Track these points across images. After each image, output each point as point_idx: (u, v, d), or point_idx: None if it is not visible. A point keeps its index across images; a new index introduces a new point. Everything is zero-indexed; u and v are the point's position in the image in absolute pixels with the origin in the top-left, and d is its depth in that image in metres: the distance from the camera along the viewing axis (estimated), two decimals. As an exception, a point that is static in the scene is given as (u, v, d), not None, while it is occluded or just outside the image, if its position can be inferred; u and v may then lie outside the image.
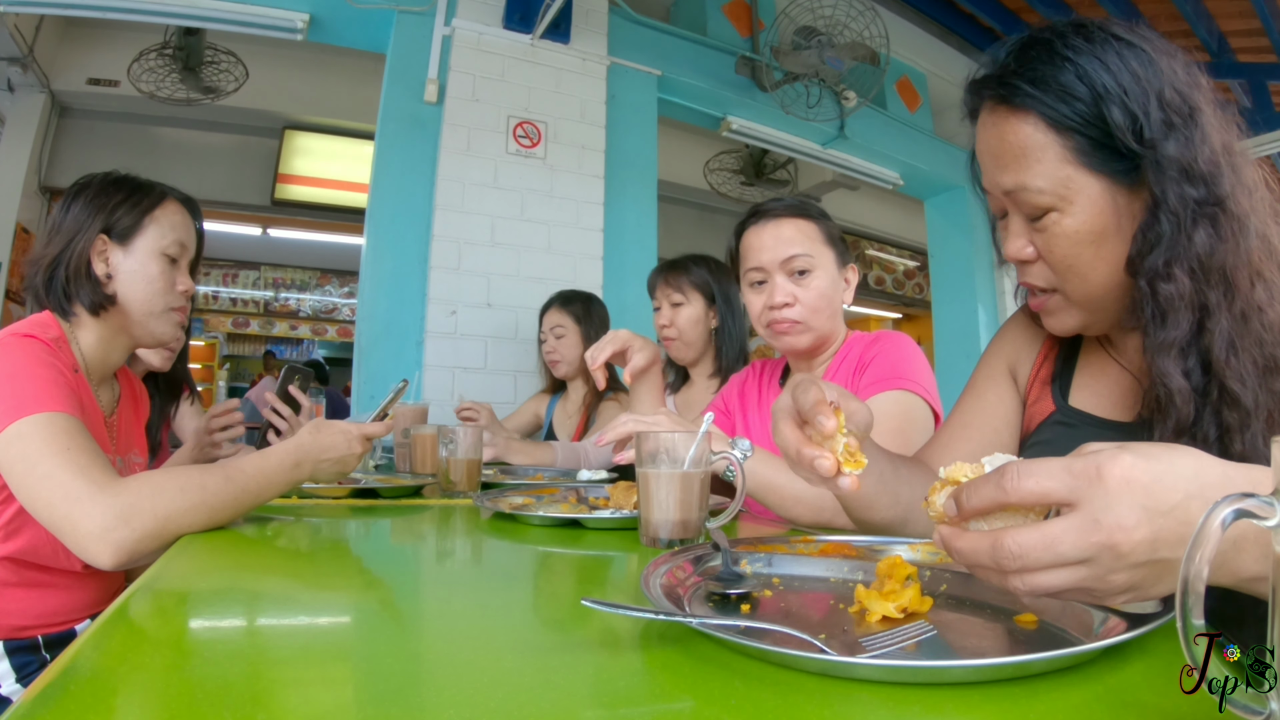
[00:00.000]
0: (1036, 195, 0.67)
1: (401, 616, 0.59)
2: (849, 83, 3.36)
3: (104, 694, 0.38)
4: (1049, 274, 0.71)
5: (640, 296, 3.06)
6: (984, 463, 0.47)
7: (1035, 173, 0.66)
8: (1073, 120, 0.65)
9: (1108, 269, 0.68)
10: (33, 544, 0.97)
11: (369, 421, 1.07)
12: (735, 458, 0.85)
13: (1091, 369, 0.81)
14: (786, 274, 1.23)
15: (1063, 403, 0.81)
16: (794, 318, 1.23)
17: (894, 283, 7.45)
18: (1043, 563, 0.40)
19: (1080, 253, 0.67)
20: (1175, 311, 0.64)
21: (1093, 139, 0.65)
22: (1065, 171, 0.66)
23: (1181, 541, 0.39)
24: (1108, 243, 0.67)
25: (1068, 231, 0.67)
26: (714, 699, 0.38)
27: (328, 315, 7.29)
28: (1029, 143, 0.67)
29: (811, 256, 1.23)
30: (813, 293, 1.23)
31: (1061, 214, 0.67)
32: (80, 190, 1.09)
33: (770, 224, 1.25)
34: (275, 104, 4.68)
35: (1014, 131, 0.67)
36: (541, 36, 2.86)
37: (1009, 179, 0.68)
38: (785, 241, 1.23)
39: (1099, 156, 0.65)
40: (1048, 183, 0.66)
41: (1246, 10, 3.47)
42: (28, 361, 0.90)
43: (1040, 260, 0.71)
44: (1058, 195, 0.66)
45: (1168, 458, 0.40)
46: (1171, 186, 0.63)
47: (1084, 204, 0.66)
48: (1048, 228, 0.68)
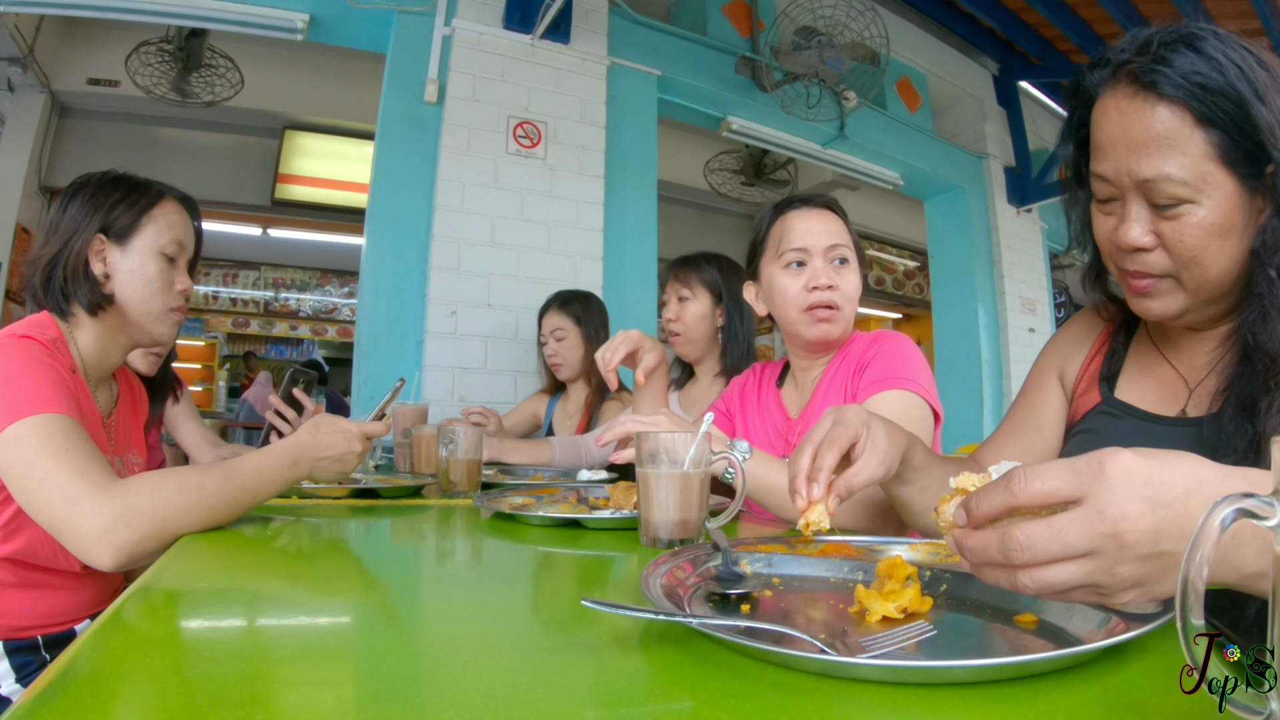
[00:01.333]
0: (1177, 186, 0.68)
1: (401, 617, 0.59)
2: (849, 83, 3.36)
3: (104, 694, 0.38)
4: (1167, 262, 0.72)
5: (640, 296, 3.07)
6: (990, 471, 0.48)
7: (1178, 164, 0.67)
8: (1219, 117, 0.66)
9: (1228, 262, 0.70)
10: (31, 545, 0.97)
11: (368, 421, 1.07)
12: (735, 458, 0.85)
13: (1140, 365, 0.84)
14: (827, 260, 1.25)
15: (1109, 394, 0.85)
16: (836, 302, 1.24)
17: (894, 283, 7.45)
18: (1050, 554, 0.40)
19: (1208, 245, 0.69)
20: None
21: (1234, 139, 0.67)
22: (1206, 167, 0.67)
23: (1183, 535, 0.40)
24: (1232, 238, 0.69)
25: (1202, 223, 0.68)
26: (714, 699, 0.38)
27: (328, 315, 7.28)
28: (1175, 134, 0.67)
29: (850, 249, 1.27)
30: (849, 284, 1.26)
31: (1197, 205, 0.68)
32: (77, 190, 1.09)
33: (816, 211, 1.28)
34: (275, 104, 4.68)
35: (1160, 121, 0.68)
36: (541, 36, 2.86)
37: (1148, 167, 0.68)
38: (831, 231, 1.26)
39: (1235, 156, 0.67)
40: (1189, 175, 0.67)
41: (1246, 10, 3.47)
42: (25, 362, 0.90)
43: (1160, 249, 0.71)
44: (1195, 188, 0.67)
45: (1165, 457, 0.41)
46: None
47: (1219, 199, 0.68)
48: (1180, 217, 0.69)
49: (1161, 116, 0.67)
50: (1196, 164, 0.67)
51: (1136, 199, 0.71)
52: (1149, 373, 0.83)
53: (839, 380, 1.25)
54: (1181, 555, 0.37)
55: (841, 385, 1.24)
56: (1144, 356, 0.85)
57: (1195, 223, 0.68)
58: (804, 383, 1.34)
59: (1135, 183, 0.70)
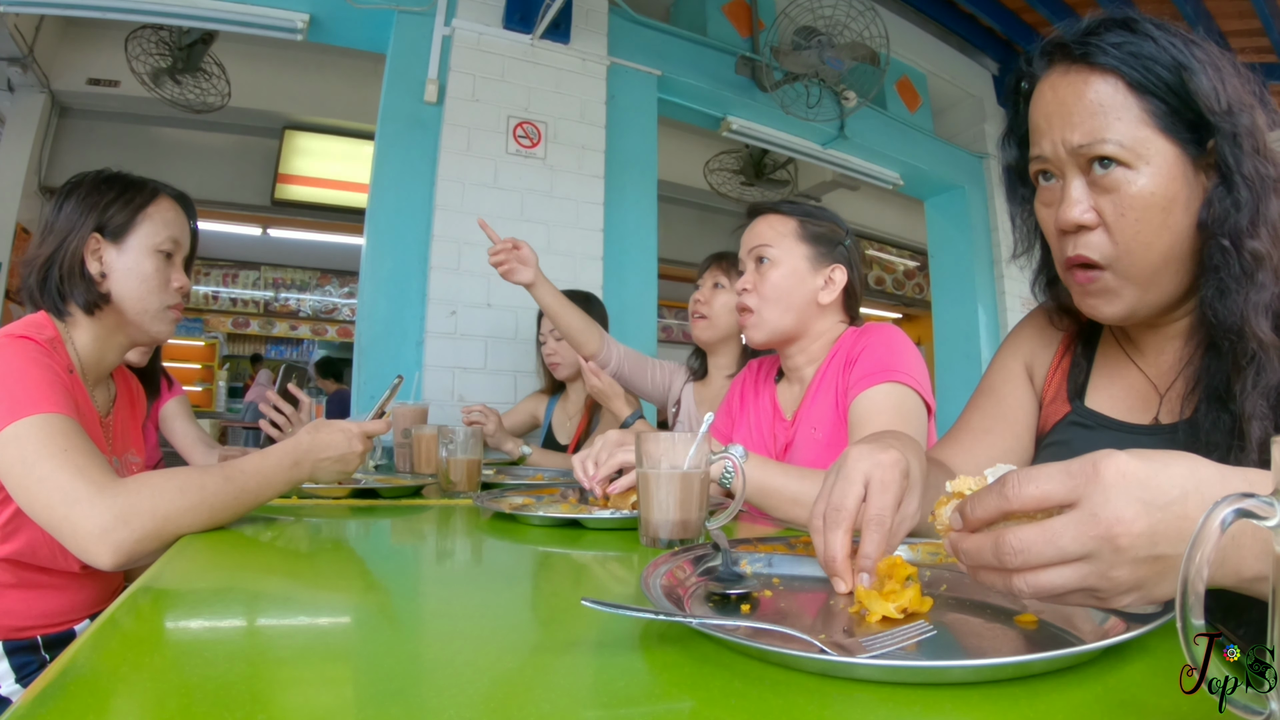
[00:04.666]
0: (1113, 147, 0.65)
1: (401, 617, 0.59)
2: (849, 83, 3.36)
3: (103, 694, 0.38)
4: (1108, 245, 0.68)
5: (640, 296, 3.07)
6: (986, 474, 0.48)
7: (1113, 129, 0.65)
8: (1154, 84, 0.65)
9: (1171, 239, 0.67)
10: (30, 545, 0.97)
11: (367, 420, 1.07)
12: (734, 459, 0.85)
13: (1109, 371, 0.81)
14: (754, 262, 1.30)
15: (1079, 404, 0.81)
16: (749, 304, 1.29)
17: (894, 283, 7.45)
18: (1044, 557, 0.40)
19: (1151, 217, 0.66)
20: (1264, 269, 0.64)
21: (1170, 105, 0.65)
22: (1143, 132, 0.65)
23: (1181, 537, 0.39)
24: (1175, 211, 0.66)
25: (1142, 193, 0.65)
26: (714, 699, 0.38)
27: (328, 315, 7.28)
28: (1109, 101, 0.66)
29: (774, 249, 1.28)
30: (767, 284, 1.27)
31: (1135, 172, 0.65)
32: (72, 189, 1.09)
33: (753, 220, 1.34)
34: (275, 104, 4.68)
35: (1093, 89, 0.66)
36: (541, 37, 2.86)
37: (1079, 135, 0.66)
38: (756, 234, 1.31)
39: (1174, 122, 0.65)
40: (1125, 138, 0.65)
41: (1246, 10, 3.47)
42: (22, 363, 0.90)
43: (1102, 228, 0.68)
44: (1133, 153, 0.65)
45: (1162, 458, 0.41)
46: (1246, 157, 0.64)
47: (1158, 165, 0.65)
48: (1118, 186, 0.66)
49: (1095, 85, 0.66)
50: (1133, 129, 0.65)
51: (1075, 174, 0.68)
52: (1117, 378, 0.80)
53: (830, 378, 1.25)
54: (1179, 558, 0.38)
55: (833, 383, 1.24)
56: (1111, 361, 0.81)
57: (1135, 192, 0.65)
58: (797, 382, 1.34)
59: (1070, 153, 0.67)
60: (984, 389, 0.92)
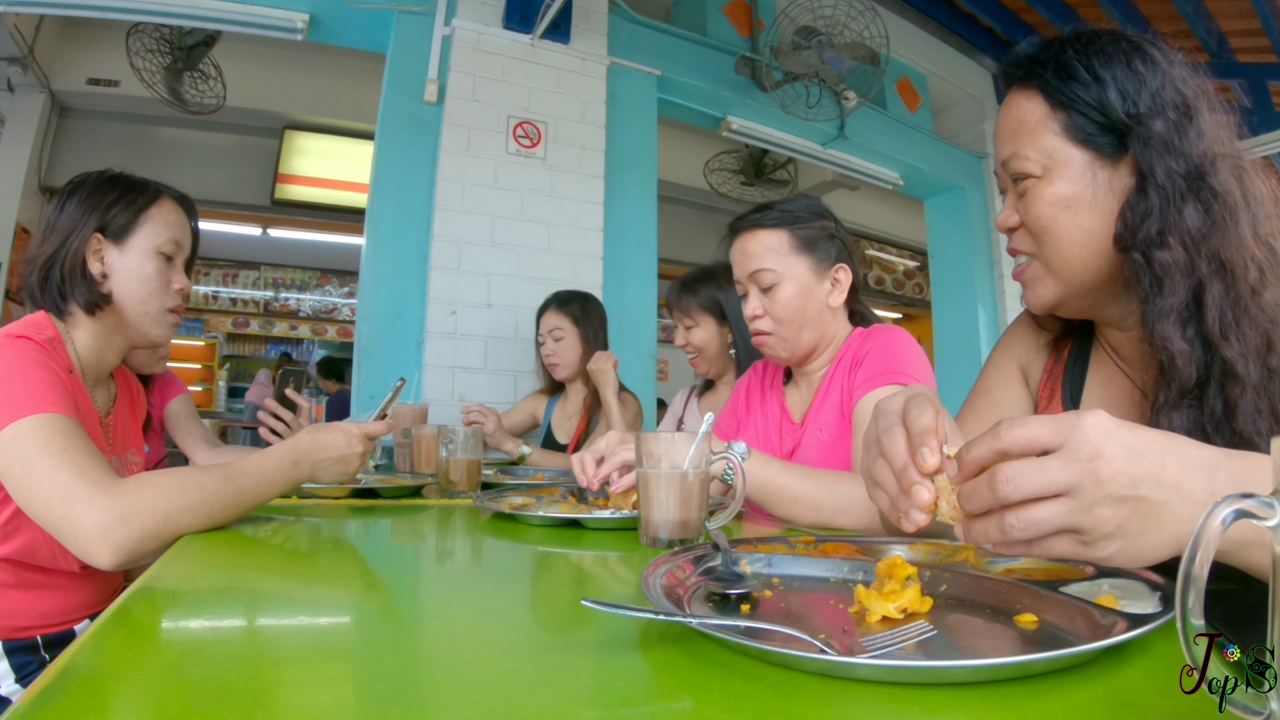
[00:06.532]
0: (1023, 162, 0.73)
1: (401, 616, 0.59)
2: (849, 83, 3.36)
3: (103, 694, 0.38)
4: (1029, 239, 0.76)
5: (640, 296, 3.07)
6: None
7: (1027, 143, 0.73)
8: (1069, 98, 0.71)
9: (1084, 238, 0.72)
10: (30, 545, 0.97)
11: (369, 421, 1.07)
12: (734, 459, 0.84)
13: (1103, 379, 0.82)
14: (755, 286, 1.27)
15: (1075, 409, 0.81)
16: (764, 329, 1.27)
17: (894, 283, 7.45)
18: (1032, 484, 0.43)
19: (1055, 215, 0.72)
20: (1171, 279, 0.67)
21: (1086, 116, 0.71)
22: (1052, 143, 0.72)
23: (1160, 485, 0.44)
24: (1083, 211, 0.72)
25: (1045, 196, 0.73)
26: (714, 699, 0.38)
27: (328, 315, 7.28)
28: (1029, 117, 0.73)
29: (775, 270, 1.24)
30: (779, 305, 1.25)
31: (1042, 181, 0.73)
32: (74, 189, 1.09)
33: (740, 239, 1.29)
34: (275, 104, 4.68)
35: (1019, 107, 0.74)
36: (541, 36, 2.86)
37: (1005, 149, 0.75)
38: (750, 256, 1.26)
39: (1086, 131, 0.71)
40: (1035, 152, 0.72)
41: (1246, 10, 3.47)
42: (22, 363, 0.90)
43: (1022, 226, 0.76)
44: (1042, 164, 0.72)
45: (1136, 426, 0.45)
46: (1159, 161, 0.68)
47: (1063, 172, 0.72)
48: (1028, 193, 0.74)
49: (1018, 103, 0.75)
50: (1043, 141, 0.72)
51: (1009, 185, 0.77)
52: (1111, 386, 0.81)
53: (838, 380, 1.25)
54: (1160, 505, 0.44)
55: (840, 384, 1.24)
56: (1104, 371, 0.83)
57: (1040, 196, 0.73)
58: (806, 385, 1.34)
59: (1002, 168, 0.77)
60: (979, 390, 0.93)
